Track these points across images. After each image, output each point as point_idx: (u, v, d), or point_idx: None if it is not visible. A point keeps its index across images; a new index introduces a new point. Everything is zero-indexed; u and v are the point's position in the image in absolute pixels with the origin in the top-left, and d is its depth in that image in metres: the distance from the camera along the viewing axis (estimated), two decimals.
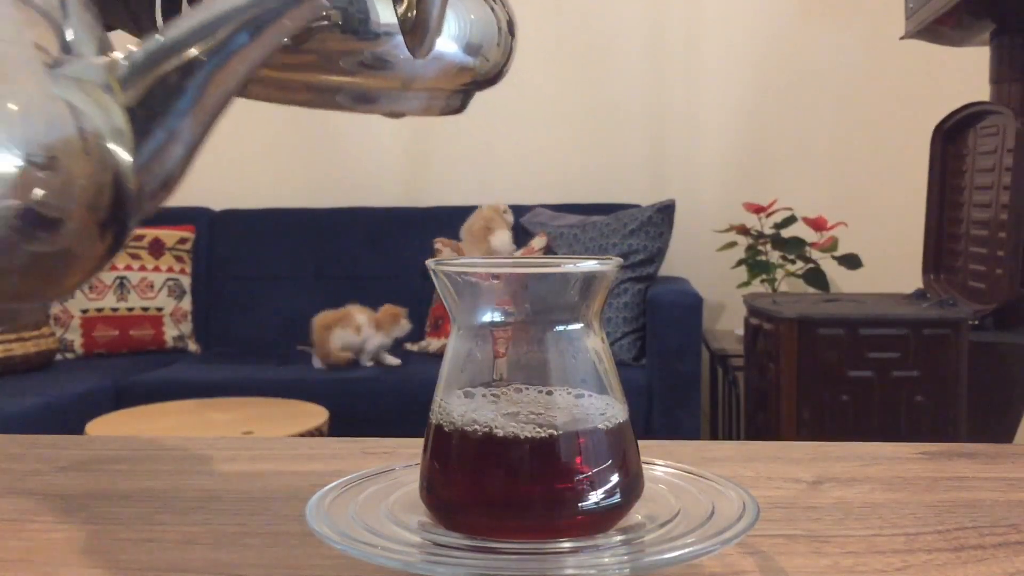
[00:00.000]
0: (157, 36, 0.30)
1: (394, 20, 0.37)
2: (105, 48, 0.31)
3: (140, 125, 0.29)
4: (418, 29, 0.36)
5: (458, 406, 0.38)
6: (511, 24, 0.43)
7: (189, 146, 0.30)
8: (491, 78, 0.42)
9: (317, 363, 2.54)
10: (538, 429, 0.36)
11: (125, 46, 0.31)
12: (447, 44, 0.39)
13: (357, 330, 2.51)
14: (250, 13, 0.30)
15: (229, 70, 0.30)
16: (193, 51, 0.30)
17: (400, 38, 0.37)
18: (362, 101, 0.40)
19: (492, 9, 0.42)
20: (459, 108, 0.43)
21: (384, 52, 0.38)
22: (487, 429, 0.37)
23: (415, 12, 0.36)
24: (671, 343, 2.30)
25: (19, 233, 0.26)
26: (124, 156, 0.29)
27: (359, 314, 2.52)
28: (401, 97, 0.40)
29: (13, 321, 0.30)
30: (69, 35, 0.29)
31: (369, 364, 2.54)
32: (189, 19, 0.30)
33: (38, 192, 0.26)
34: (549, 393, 0.38)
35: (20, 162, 0.26)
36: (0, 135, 0.26)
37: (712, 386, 2.64)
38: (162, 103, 0.29)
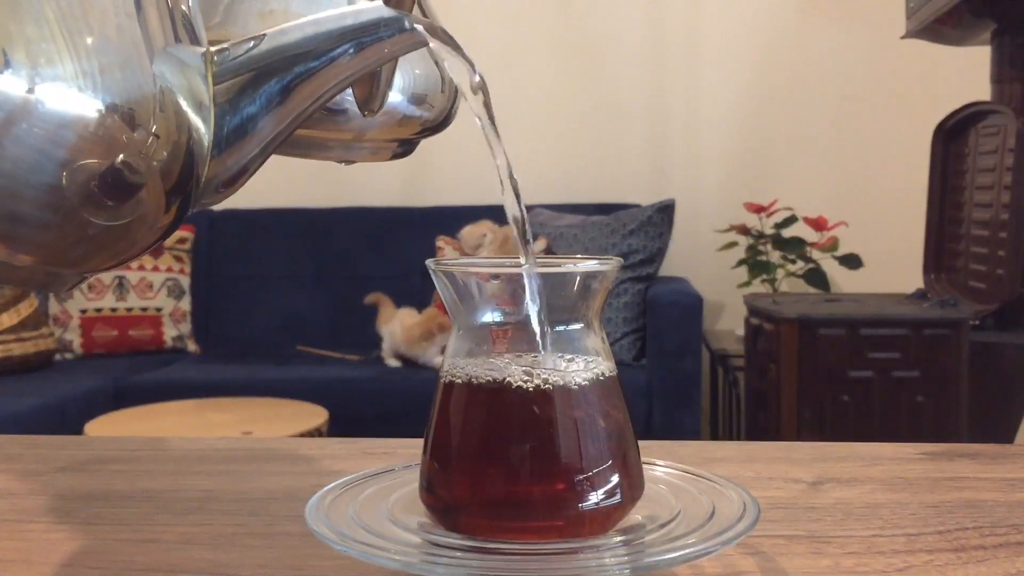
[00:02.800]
0: (257, 40, 0.31)
1: None
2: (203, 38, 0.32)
3: (224, 119, 0.30)
4: (368, 90, 0.38)
5: (466, 364, 0.38)
6: None
7: (264, 149, 0.32)
8: (438, 124, 0.44)
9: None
10: (543, 383, 0.37)
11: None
12: (394, 97, 0.41)
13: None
14: (353, 36, 0.32)
15: (318, 86, 0.32)
16: (290, 64, 0.31)
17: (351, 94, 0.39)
18: (317, 149, 0.42)
19: (435, 62, 0.44)
20: (407, 153, 0.46)
21: (337, 104, 0.40)
22: (493, 379, 0.37)
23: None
24: (671, 343, 2.30)
25: (94, 195, 0.27)
26: (203, 142, 0.30)
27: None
28: (354, 147, 0.43)
29: (49, 288, 0.31)
30: (176, 25, 0.30)
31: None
32: (293, 32, 0.31)
33: (121, 152, 0.27)
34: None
35: (107, 115, 0.26)
36: (92, 88, 0.26)
37: (712, 386, 2.64)
38: (249, 105, 0.31)
